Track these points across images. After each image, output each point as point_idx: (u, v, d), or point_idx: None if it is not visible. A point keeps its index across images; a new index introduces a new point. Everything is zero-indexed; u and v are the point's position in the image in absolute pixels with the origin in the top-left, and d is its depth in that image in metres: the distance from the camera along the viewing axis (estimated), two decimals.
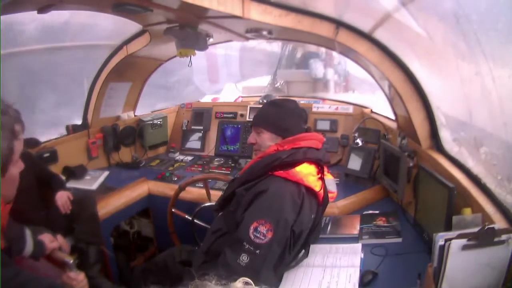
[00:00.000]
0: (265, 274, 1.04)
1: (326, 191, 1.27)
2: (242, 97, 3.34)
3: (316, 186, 1.21)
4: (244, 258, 1.04)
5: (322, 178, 1.26)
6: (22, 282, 0.76)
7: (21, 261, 1.25)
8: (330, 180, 1.35)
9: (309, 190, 1.19)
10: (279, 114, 1.32)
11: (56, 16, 1.61)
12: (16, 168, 0.80)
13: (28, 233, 1.29)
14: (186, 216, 1.95)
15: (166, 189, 2.16)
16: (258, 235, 1.06)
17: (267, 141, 1.31)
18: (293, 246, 1.15)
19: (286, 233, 1.10)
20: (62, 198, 1.76)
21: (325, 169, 1.35)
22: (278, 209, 1.10)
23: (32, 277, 0.81)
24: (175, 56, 2.37)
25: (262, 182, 1.19)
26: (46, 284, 0.79)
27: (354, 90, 4.22)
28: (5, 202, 0.90)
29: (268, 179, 1.19)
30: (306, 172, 1.19)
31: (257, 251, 1.05)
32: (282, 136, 1.29)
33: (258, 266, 1.04)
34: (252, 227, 1.07)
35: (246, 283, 0.53)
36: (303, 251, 1.27)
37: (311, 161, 1.24)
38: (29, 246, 1.27)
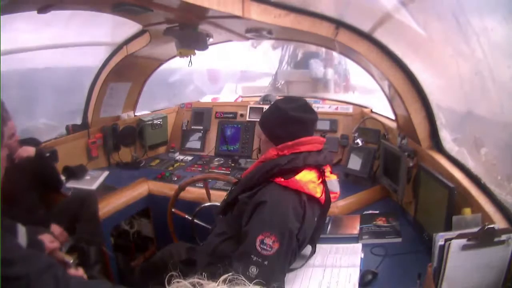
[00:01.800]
0: (275, 282, 1.05)
1: (328, 193, 1.26)
2: (242, 97, 3.34)
3: (317, 192, 1.20)
4: (253, 270, 1.06)
5: (323, 182, 1.25)
6: (24, 255, 0.77)
7: None
8: (333, 180, 1.33)
9: (310, 197, 1.18)
10: (273, 119, 1.28)
11: (56, 16, 1.61)
12: (4, 151, 0.83)
13: (21, 231, 1.28)
14: (186, 216, 1.95)
15: (166, 189, 2.16)
16: (265, 247, 1.07)
17: (265, 143, 1.31)
18: (298, 251, 1.18)
19: (292, 242, 1.11)
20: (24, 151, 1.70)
21: (329, 168, 1.33)
22: (281, 220, 1.11)
23: (31, 252, 0.81)
24: (175, 56, 2.38)
25: (263, 190, 1.18)
26: (47, 261, 0.79)
27: (354, 90, 4.22)
28: None
29: (269, 186, 1.18)
30: (306, 179, 1.18)
31: (265, 262, 1.06)
32: (274, 143, 1.26)
33: (268, 276, 1.06)
34: (258, 240, 1.08)
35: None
36: (311, 248, 1.29)
37: (311, 167, 1.22)
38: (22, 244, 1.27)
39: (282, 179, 1.16)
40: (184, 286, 0.49)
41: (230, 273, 0.52)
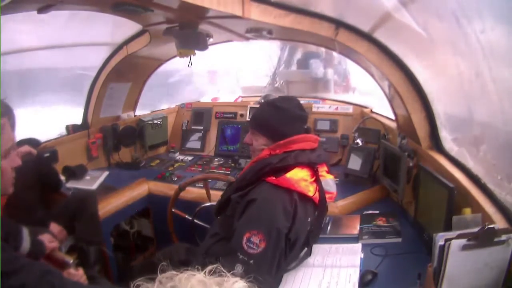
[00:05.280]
0: (261, 283, 1.04)
1: (322, 192, 1.24)
2: (242, 97, 3.34)
3: (310, 191, 1.17)
4: (238, 269, 1.04)
5: (316, 181, 1.22)
6: (19, 266, 0.77)
7: None
8: (329, 180, 1.32)
9: (302, 196, 1.16)
10: (277, 119, 1.25)
11: (56, 16, 1.61)
12: (10, 161, 0.82)
13: (25, 231, 1.29)
14: (186, 216, 1.95)
15: (166, 189, 2.16)
16: (252, 246, 1.05)
17: (262, 146, 1.27)
18: (289, 252, 1.14)
19: (280, 242, 1.08)
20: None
21: (326, 168, 1.32)
22: (269, 218, 1.08)
23: (26, 262, 0.82)
24: (175, 56, 2.38)
25: (254, 189, 1.17)
26: (39, 269, 0.80)
27: (354, 90, 4.22)
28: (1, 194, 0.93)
29: (260, 186, 1.16)
30: (298, 177, 1.16)
31: (251, 261, 1.04)
32: (275, 141, 1.25)
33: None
34: (245, 238, 1.06)
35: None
36: (306, 249, 1.26)
37: (303, 165, 1.21)
38: (25, 244, 1.27)
39: (274, 178, 1.15)
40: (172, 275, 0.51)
41: (216, 265, 0.53)
